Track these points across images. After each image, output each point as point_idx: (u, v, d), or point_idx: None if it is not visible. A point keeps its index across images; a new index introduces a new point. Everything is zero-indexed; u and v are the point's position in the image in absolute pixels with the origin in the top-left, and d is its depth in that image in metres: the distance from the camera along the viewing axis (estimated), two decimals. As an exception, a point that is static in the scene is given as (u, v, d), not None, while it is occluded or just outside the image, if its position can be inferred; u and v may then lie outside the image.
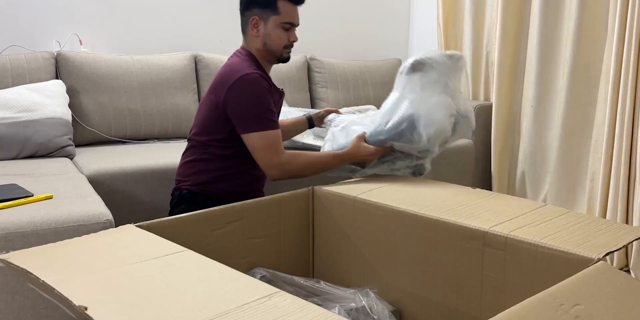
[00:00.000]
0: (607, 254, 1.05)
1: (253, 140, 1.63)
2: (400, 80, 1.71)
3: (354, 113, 2.17)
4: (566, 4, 2.62)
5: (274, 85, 1.77)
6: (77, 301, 0.79)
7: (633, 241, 1.12)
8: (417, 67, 1.67)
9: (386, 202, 1.39)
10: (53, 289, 0.84)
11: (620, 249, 1.08)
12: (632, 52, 2.22)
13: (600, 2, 2.44)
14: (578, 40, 2.50)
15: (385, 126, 1.64)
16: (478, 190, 1.48)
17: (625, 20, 2.26)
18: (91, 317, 0.75)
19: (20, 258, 0.98)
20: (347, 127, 1.79)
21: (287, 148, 2.14)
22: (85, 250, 1.04)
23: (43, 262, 0.97)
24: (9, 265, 0.96)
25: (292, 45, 1.80)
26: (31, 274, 0.90)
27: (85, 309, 0.76)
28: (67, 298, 0.80)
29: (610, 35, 2.37)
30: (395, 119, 1.63)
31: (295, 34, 1.79)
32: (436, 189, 1.49)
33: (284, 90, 1.93)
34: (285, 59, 1.82)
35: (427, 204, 1.36)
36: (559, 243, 1.10)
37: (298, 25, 1.79)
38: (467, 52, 3.16)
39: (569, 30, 2.55)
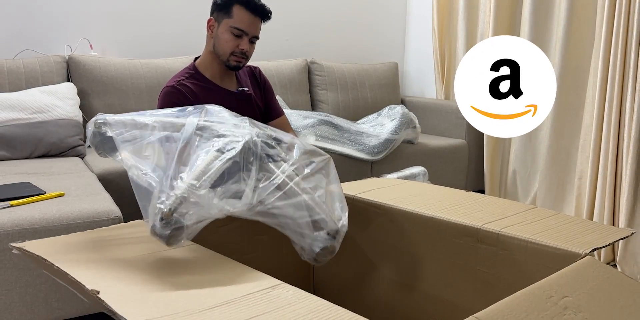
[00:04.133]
0: (594, 250, 1.08)
1: None
2: None
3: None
4: (555, 10, 2.66)
5: (224, 89, 1.74)
6: (89, 286, 0.81)
7: (619, 240, 1.15)
8: None
9: (383, 201, 1.42)
10: (67, 274, 0.86)
11: (606, 246, 1.11)
12: (619, 56, 2.25)
13: (588, 8, 2.47)
14: (567, 44, 2.53)
15: None
16: (471, 193, 1.52)
17: (612, 25, 2.29)
18: (103, 300, 0.77)
19: (35, 246, 1.00)
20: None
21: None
22: (97, 242, 1.06)
23: (56, 250, 0.99)
24: (25, 252, 0.98)
25: (242, 54, 1.70)
26: (46, 260, 0.92)
27: (98, 293, 0.79)
28: (80, 282, 0.82)
29: (597, 40, 2.40)
30: None
31: (246, 43, 1.69)
32: (431, 191, 1.52)
33: (254, 90, 1.85)
34: (233, 67, 1.73)
35: (423, 204, 1.39)
36: (548, 239, 1.12)
37: (253, 36, 1.71)
38: (460, 55, 3.19)
39: (558, 35, 2.58)
